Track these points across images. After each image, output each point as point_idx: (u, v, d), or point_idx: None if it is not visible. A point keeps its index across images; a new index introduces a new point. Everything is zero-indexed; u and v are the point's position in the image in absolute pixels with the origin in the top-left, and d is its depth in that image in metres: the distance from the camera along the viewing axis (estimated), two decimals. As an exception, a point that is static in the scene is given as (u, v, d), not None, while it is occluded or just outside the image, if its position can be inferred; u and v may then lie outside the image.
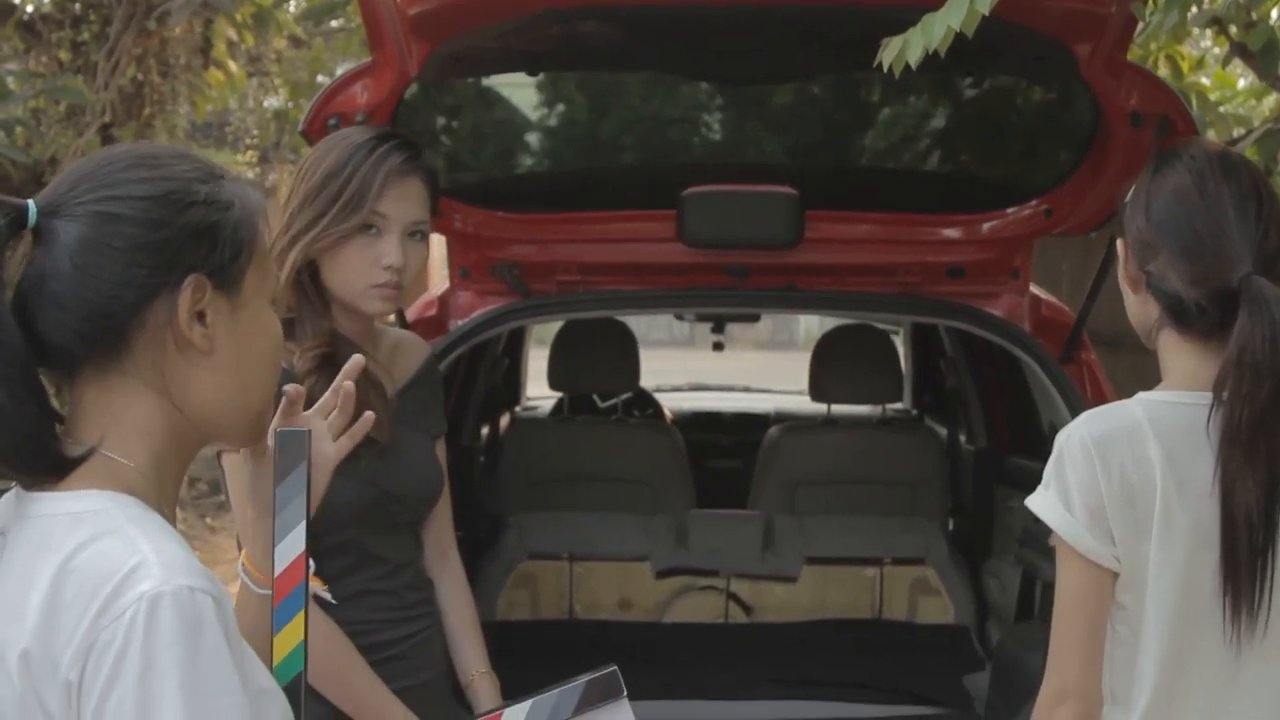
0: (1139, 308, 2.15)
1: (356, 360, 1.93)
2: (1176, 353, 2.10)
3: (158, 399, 1.43)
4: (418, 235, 2.53)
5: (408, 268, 2.50)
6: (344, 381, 1.89)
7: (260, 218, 1.51)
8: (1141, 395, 2.11)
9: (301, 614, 1.62)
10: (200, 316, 1.44)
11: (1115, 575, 2.03)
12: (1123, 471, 2.02)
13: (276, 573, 1.62)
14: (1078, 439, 2.05)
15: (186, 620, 1.30)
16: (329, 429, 1.84)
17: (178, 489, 1.50)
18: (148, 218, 1.41)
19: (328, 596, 2.31)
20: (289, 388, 1.71)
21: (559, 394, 5.26)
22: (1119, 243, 2.17)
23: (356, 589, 2.52)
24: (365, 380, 2.40)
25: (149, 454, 1.43)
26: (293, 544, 1.63)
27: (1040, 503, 2.10)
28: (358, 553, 2.53)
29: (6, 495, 1.45)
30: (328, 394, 1.89)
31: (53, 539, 1.36)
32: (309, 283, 2.51)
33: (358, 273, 2.47)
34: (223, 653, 1.32)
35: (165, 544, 1.35)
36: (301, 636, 1.61)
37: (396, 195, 2.48)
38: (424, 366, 2.72)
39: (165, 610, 1.29)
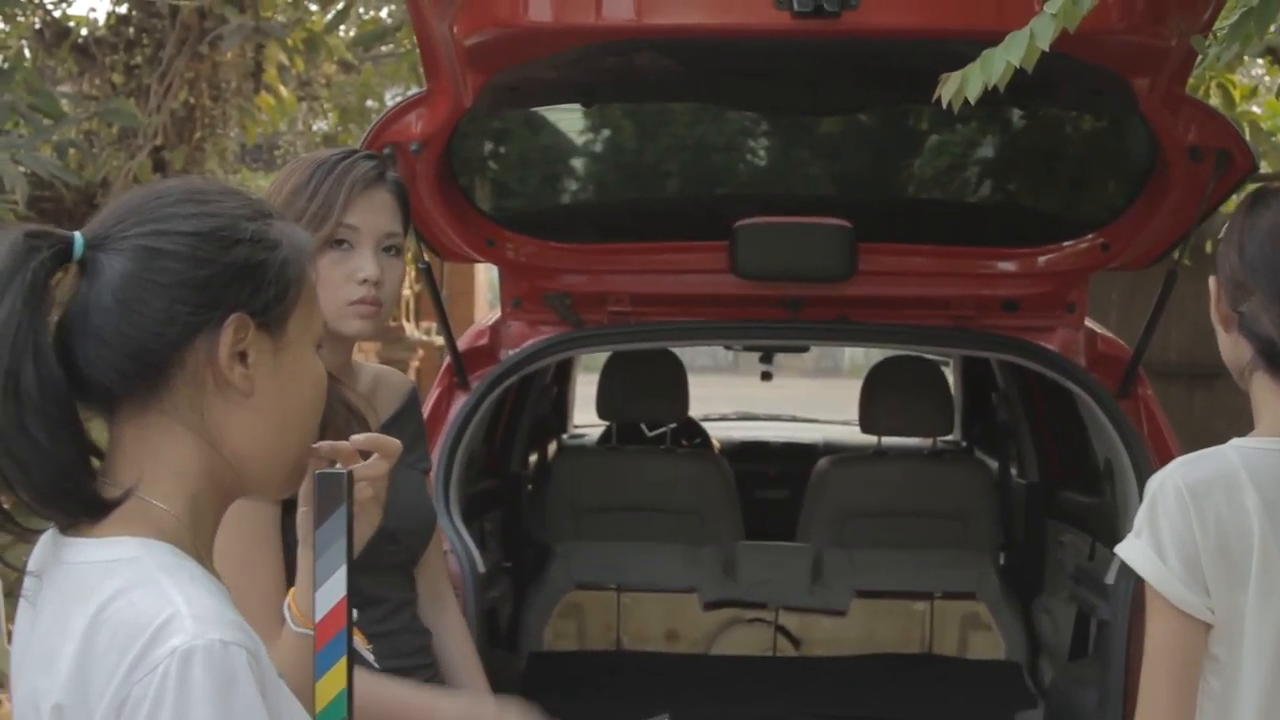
0: (1231, 348, 2.10)
1: (394, 444, 1.84)
2: (1270, 397, 2.04)
3: (196, 440, 1.40)
4: (392, 250, 2.42)
5: (385, 284, 2.39)
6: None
7: (308, 259, 1.47)
8: (1236, 441, 2.04)
9: (344, 660, 1.58)
10: (242, 357, 1.40)
11: (1208, 627, 1.97)
12: (1218, 520, 1.96)
13: (317, 618, 1.58)
14: (1171, 486, 1.98)
15: (218, 676, 1.28)
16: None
17: (214, 534, 1.47)
18: (193, 254, 1.38)
19: (370, 658, 2.24)
20: (319, 445, 1.64)
21: (606, 422, 5.25)
22: (1211, 280, 2.12)
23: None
24: (349, 414, 2.36)
25: (185, 497, 1.40)
26: (334, 589, 1.58)
27: (1132, 551, 2.02)
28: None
29: (44, 537, 1.43)
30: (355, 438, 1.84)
31: (85, 588, 1.33)
32: None
33: (332, 290, 2.35)
34: (256, 708, 1.30)
35: (198, 595, 1.32)
36: (344, 684, 1.57)
37: (364, 207, 2.38)
38: (406, 402, 2.61)
39: (197, 666, 1.27)
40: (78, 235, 1.38)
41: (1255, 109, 6.35)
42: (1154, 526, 1.98)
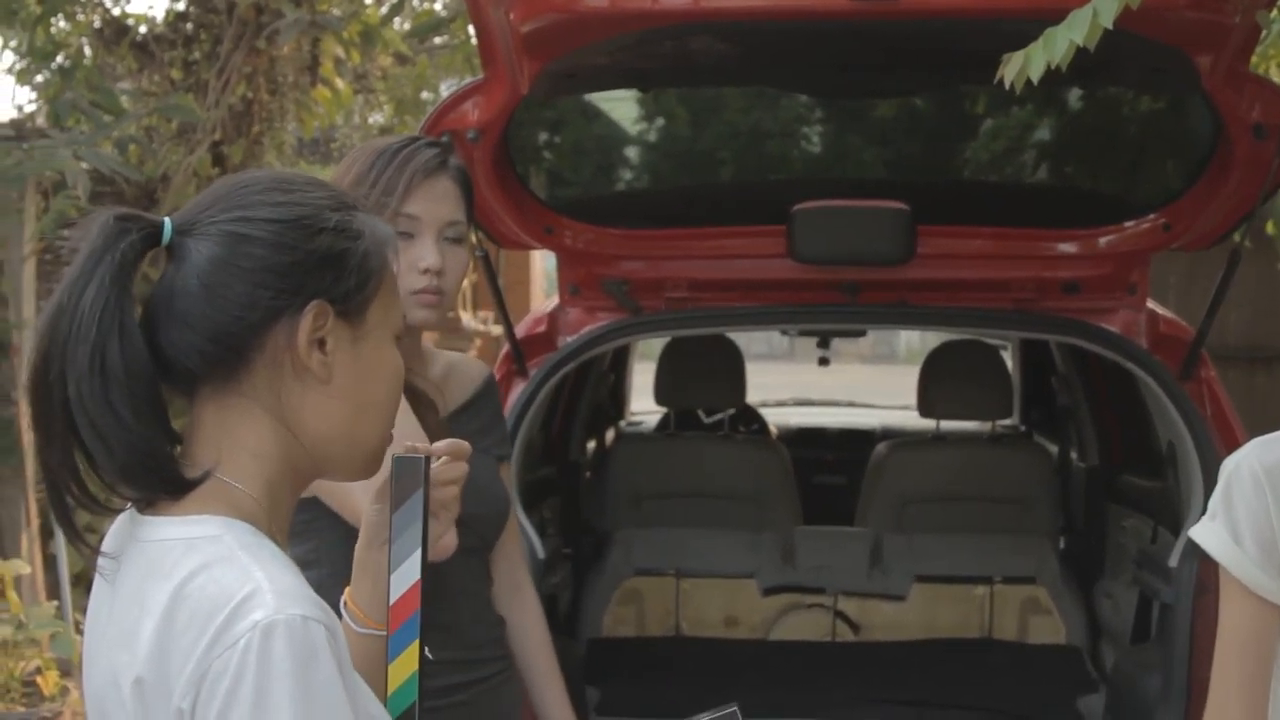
0: None
1: (466, 448, 1.84)
2: None
3: (274, 423, 1.42)
4: (454, 239, 2.37)
5: (447, 272, 2.35)
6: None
7: (390, 251, 1.50)
8: None
9: (416, 644, 1.60)
10: (320, 344, 1.43)
11: None
12: None
13: (392, 600, 1.60)
14: (1248, 468, 1.95)
15: (299, 650, 1.28)
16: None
17: (289, 517, 1.49)
18: (278, 240, 1.41)
19: (425, 652, 2.25)
20: (405, 445, 1.66)
21: (663, 409, 5.25)
22: None
23: None
24: (416, 398, 2.32)
25: (263, 479, 1.42)
26: (408, 572, 1.61)
27: (1206, 534, 1.98)
28: None
29: (120, 519, 1.45)
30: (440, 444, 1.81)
31: (165, 565, 1.35)
32: None
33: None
34: (335, 683, 1.31)
35: (279, 572, 1.34)
36: (415, 666, 1.59)
37: (425, 195, 2.33)
38: (482, 388, 2.56)
39: (279, 640, 1.28)
40: (167, 220, 1.41)
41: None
42: (1229, 509, 1.95)
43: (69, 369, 1.35)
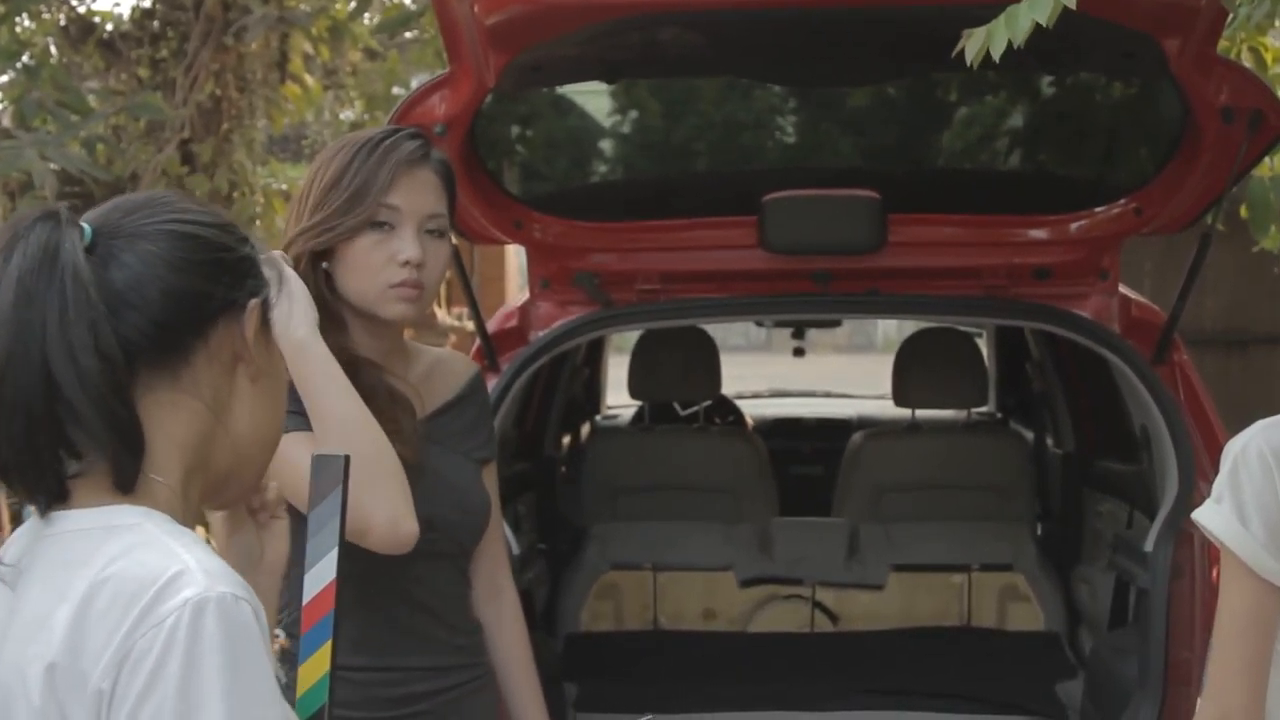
0: None
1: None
2: None
3: (205, 414, 1.44)
4: (436, 232, 2.32)
5: (428, 266, 2.29)
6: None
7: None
8: None
9: (328, 645, 1.57)
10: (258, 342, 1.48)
11: None
12: None
13: (306, 599, 1.58)
14: (1255, 450, 1.93)
15: (231, 628, 1.28)
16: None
17: (195, 518, 1.49)
18: (219, 240, 1.46)
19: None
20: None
21: (639, 402, 5.24)
22: None
23: (383, 628, 2.30)
24: (392, 401, 2.29)
25: (183, 470, 1.43)
26: (323, 571, 1.58)
27: (1213, 517, 1.96)
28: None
29: (21, 529, 1.44)
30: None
31: (83, 552, 1.34)
32: (327, 294, 2.30)
33: (373, 272, 2.27)
34: (264, 662, 1.31)
35: (205, 555, 1.34)
36: (327, 667, 1.56)
37: (407, 186, 2.28)
38: (467, 386, 2.48)
39: (210, 616, 1.28)
40: (85, 224, 1.41)
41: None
42: (1236, 491, 1.93)
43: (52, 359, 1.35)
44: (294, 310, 2.15)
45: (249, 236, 1.52)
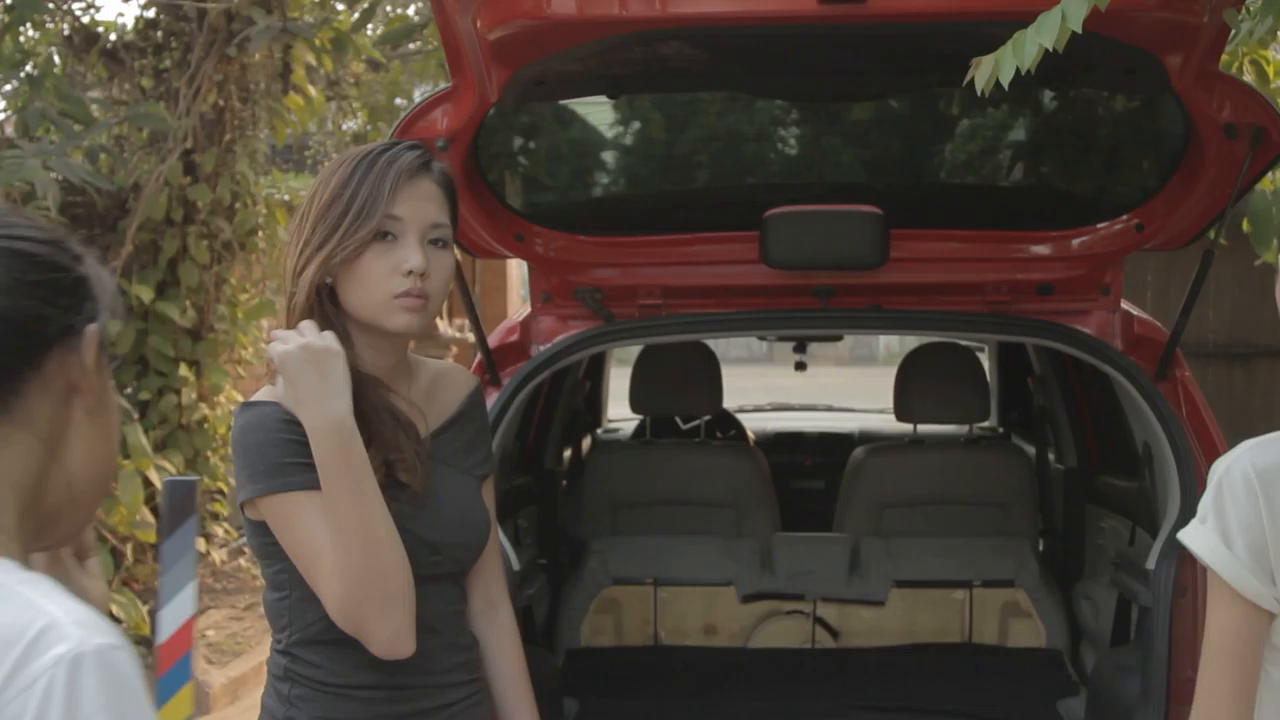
0: None
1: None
2: None
3: (41, 449, 1.32)
4: (439, 242, 2.31)
5: (432, 277, 2.28)
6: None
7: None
8: None
9: (189, 686, 1.48)
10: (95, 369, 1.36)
11: (1272, 616, 1.91)
12: None
13: (161, 639, 1.48)
14: (1240, 471, 1.92)
15: (111, 683, 1.16)
16: None
17: (30, 552, 1.36)
18: (52, 259, 1.33)
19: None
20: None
21: (640, 416, 5.23)
22: None
23: None
24: (393, 420, 2.27)
25: (19, 510, 1.31)
26: (181, 607, 1.49)
27: (1197, 537, 1.95)
28: None
29: None
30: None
31: None
32: (331, 309, 2.28)
33: (377, 283, 2.25)
34: (149, 713, 1.21)
35: (68, 602, 1.20)
36: (189, 711, 1.48)
37: (409, 196, 2.27)
38: (468, 401, 2.48)
39: (88, 674, 1.15)
40: None
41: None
42: (1220, 512, 1.92)
43: None
44: (326, 385, 2.12)
45: (84, 254, 1.38)
